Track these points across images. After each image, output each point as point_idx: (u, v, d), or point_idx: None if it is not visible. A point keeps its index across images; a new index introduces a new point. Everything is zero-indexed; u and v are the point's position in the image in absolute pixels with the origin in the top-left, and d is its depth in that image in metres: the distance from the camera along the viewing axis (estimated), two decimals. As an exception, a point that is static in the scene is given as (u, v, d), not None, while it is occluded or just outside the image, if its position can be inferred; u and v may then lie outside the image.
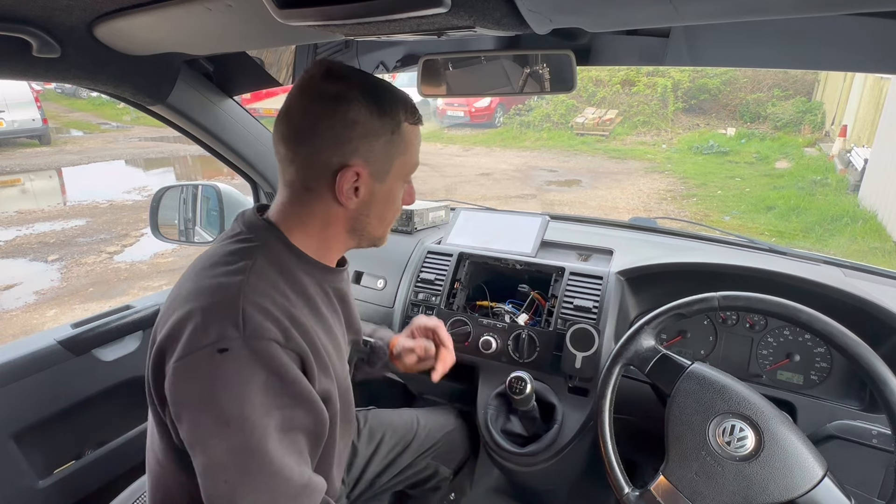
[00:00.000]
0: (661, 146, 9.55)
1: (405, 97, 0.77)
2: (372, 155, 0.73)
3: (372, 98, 0.72)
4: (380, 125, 0.73)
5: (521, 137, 10.50)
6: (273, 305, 0.67)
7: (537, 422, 1.15)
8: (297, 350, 0.67)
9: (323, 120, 0.71)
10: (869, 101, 7.28)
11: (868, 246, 5.27)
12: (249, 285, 0.67)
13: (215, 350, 0.61)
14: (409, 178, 0.82)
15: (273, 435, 0.63)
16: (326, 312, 0.78)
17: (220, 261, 0.71)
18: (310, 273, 0.77)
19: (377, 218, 0.79)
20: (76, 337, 1.25)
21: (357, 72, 0.74)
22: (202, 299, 0.66)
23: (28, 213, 6.41)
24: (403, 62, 1.18)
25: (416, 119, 0.78)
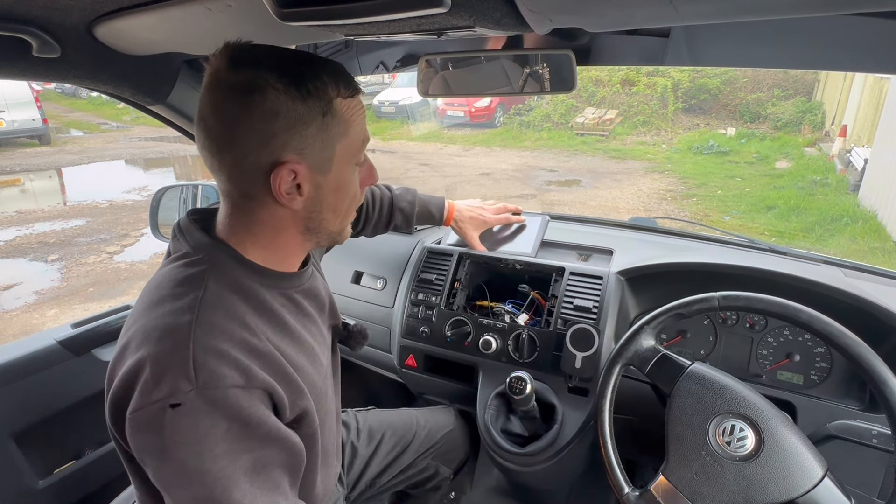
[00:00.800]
0: (661, 146, 9.55)
1: (333, 68, 0.66)
2: (305, 146, 0.64)
3: (290, 79, 0.62)
4: (305, 110, 0.63)
5: (521, 137, 10.50)
6: (229, 344, 0.61)
7: (537, 422, 1.15)
8: (262, 387, 0.62)
9: (238, 117, 0.62)
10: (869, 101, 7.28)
11: (868, 246, 5.27)
12: (200, 325, 0.60)
13: (167, 405, 0.56)
14: (361, 157, 0.72)
15: (241, 481, 0.59)
16: (295, 322, 0.73)
17: (168, 294, 0.64)
18: (271, 286, 0.71)
19: (330, 212, 0.71)
20: (76, 337, 1.25)
21: (267, 50, 0.64)
22: (151, 345, 0.60)
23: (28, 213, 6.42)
24: (403, 62, 1.18)
25: (352, 90, 0.67)
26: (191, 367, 0.57)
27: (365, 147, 0.72)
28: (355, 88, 0.68)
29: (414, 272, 1.41)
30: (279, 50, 0.65)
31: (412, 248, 1.48)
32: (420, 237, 1.54)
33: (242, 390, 0.59)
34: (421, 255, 1.43)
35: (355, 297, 1.51)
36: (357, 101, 0.69)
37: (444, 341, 1.30)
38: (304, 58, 0.65)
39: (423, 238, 1.52)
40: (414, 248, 1.48)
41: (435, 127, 11.38)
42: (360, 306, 1.49)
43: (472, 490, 1.49)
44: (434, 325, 1.32)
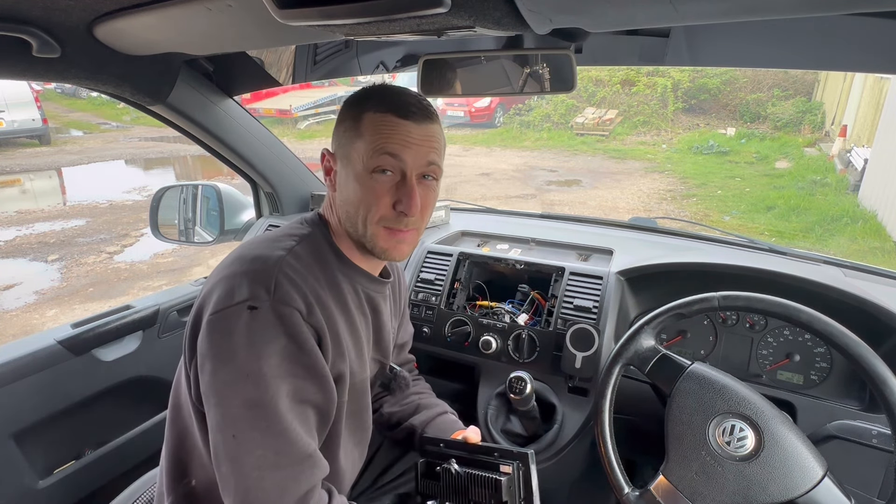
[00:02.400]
0: (661, 146, 9.55)
1: (381, 90, 0.79)
2: (338, 140, 0.81)
3: (354, 95, 0.81)
4: (346, 114, 0.80)
5: (521, 137, 10.50)
6: (303, 282, 0.72)
7: (537, 422, 1.15)
8: (316, 326, 0.72)
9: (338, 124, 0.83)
10: (869, 101, 7.28)
11: (868, 246, 5.27)
12: (287, 261, 0.73)
13: (246, 307, 0.68)
14: (376, 166, 0.76)
15: (285, 399, 0.67)
16: (354, 310, 0.83)
17: (270, 237, 0.80)
18: (346, 273, 0.82)
19: (352, 207, 0.79)
20: (76, 337, 1.25)
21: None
22: (244, 265, 0.73)
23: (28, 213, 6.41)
24: (403, 62, 1.18)
25: (383, 107, 0.77)
26: (272, 283, 0.70)
27: (381, 160, 0.77)
28: (386, 107, 0.77)
29: (414, 272, 1.41)
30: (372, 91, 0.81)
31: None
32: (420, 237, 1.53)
33: (303, 317, 0.70)
34: (421, 255, 1.43)
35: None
36: (385, 118, 0.77)
37: (444, 341, 1.30)
38: (373, 86, 0.81)
39: (423, 238, 1.52)
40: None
41: (435, 127, 11.36)
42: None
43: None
44: (434, 325, 1.32)
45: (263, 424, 0.66)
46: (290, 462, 0.68)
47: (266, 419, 0.66)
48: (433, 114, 0.80)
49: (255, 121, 1.48)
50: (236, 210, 1.68)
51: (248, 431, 0.66)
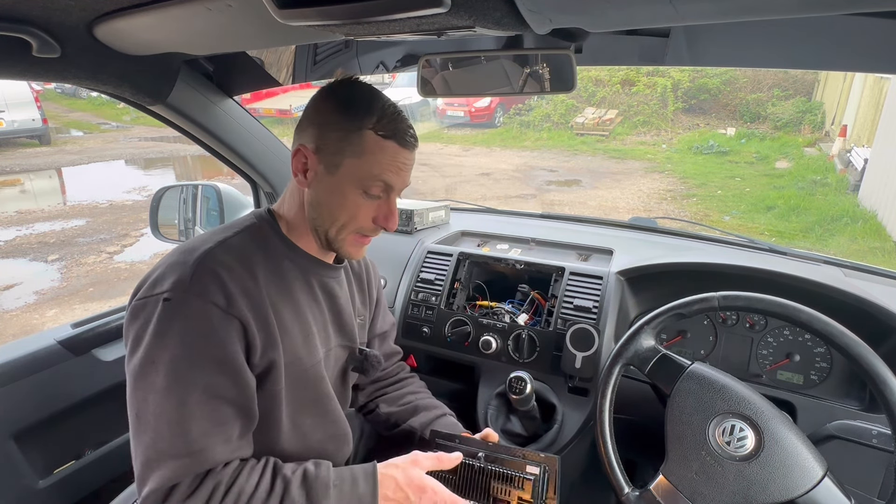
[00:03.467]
0: (661, 146, 9.55)
1: (383, 109, 0.78)
2: (323, 142, 0.78)
3: (345, 96, 0.78)
4: (338, 119, 0.77)
5: (521, 137, 10.50)
6: (227, 273, 0.73)
7: (537, 422, 1.15)
8: (239, 316, 0.72)
9: (313, 104, 0.81)
10: (869, 101, 7.28)
11: (868, 246, 5.27)
12: (213, 253, 0.74)
13: (161, 298, 0.70)
14: (371, 190, 0.79)
15: (193, 393, 0.68)
16: (302, 297, 0.83)
17: (216, 229, 0.81)
18: (295, 261, 0.83)
19: (328, 213, 0.80)
20: (76, 337, 1.25)
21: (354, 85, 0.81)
22: (175, 256, 0.75)
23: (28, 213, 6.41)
24: (403, 62, 1.18)
25: (387, 133, 0.77)
26: (190, 275, 0.71)
27: (377, 185, 0.79)
28: (391, 134, 0.77)
29: (414, 272, 1.41)
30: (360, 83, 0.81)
31: (412, 248, 1.48)
32: (420, 237, 1.54)
33: (221, 311, 0.70)
34: (421, 255, 1.43)
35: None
36: (388, 146, 0.78)
37: (444, 341, 1.30)
38: (376, 94, 0.80)
39: (423, 238, 1.52)
40: (414, 248, 1.48)
41: (435, 127, 11.38)
42: (360, 306, 1.49)
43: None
44: (434, 325, 1.32)
45: (158, 411, 0.67)
46: (171, 454, 0.67)
47: (161, 406, 0.67)
48: (417, 139, 0.83)
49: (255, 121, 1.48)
50: (236, 210, 1.68)
51: (146, 415, 0.68)
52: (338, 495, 0.73)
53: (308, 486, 0.73)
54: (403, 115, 0.81)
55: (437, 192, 7.28)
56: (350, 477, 0.75)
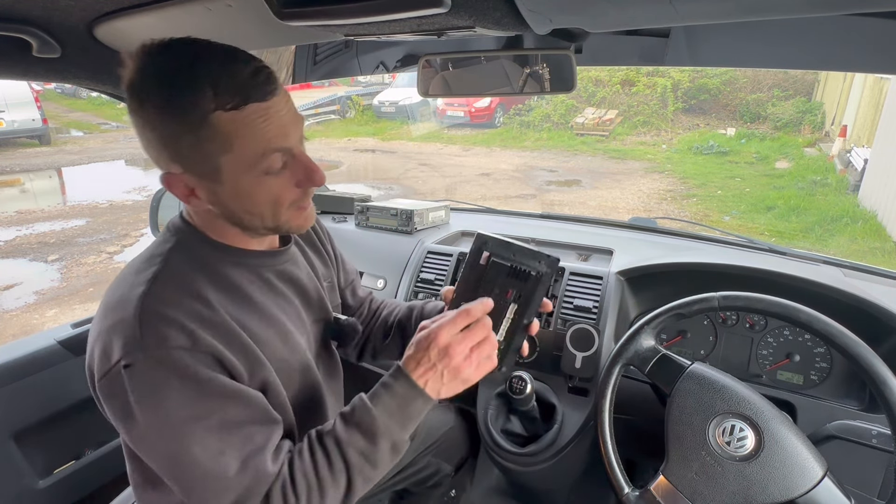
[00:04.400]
0: (661, 146, 9.55)
1: (215, 78, 0.60)
2: (181, 158, 0.64)
3: (164, 94, 0.61)
4: (173, 124, 0.61)
5: (521, 137, 10.50)
6: (177, 311, 0.63)
7: (537, 422, 1.15)
8: (208, 351, 0.63)
9: (133, 116, 0.64)
10: (869, 101, 7.28)
11: (868, 246, 5.27)
12: (150, 295, 0.64)
13: (121, 367, 0.61)
14: (272, 166, 0.65)
15: (207, 439, 0.62)
16: (263, 299, 0.74)
17: (133, 268, 0.69)
18: (238, 263, 0.73)
19: (247, 214, 0.69)
20: (76, 337, 1.25)
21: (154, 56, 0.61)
22: (109, 317, 0.64)
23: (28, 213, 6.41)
24: (403, 62, 1.18)
25: (235, 101, 0.60)
26: (137, 331, 0.61)
27: (271, 158, 0.65)
28: (244, 99, 0.61)
29: (414, 272, 1.40)
30: (167, 55, 0.62)
31: (412, 248, 1.48)
32: (420, 237, 1.54)
33: (187, 352, 0.62)
34: (421, 255, 1.43)
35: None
36: (249, 113, 0.61)
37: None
38: (185, 66, 0.60)
39: (423, 238, 1.52)
40: (414, 248, 1.48)
41: (435, 127, 11.38)
42: (360, 306, 1.49)
43: (473, 490, 1.48)
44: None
45: (192, 468, 0.62)
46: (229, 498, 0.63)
47: (192, 463, 0.62)
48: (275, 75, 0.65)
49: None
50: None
51: (182, 478, 0.63)
52: (383, 407, 0.68)
53: (354, 423, 0.68)
54: (238, 60, 0.62)
55: (437, 192, 7.28)
56: (381, 386, 0.71)
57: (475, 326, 0.71)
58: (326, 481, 0.67)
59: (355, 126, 11.80)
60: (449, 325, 0.69)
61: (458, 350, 0.69)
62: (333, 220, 1.80)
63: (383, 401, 0.69)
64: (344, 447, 0.67)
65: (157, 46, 0.62)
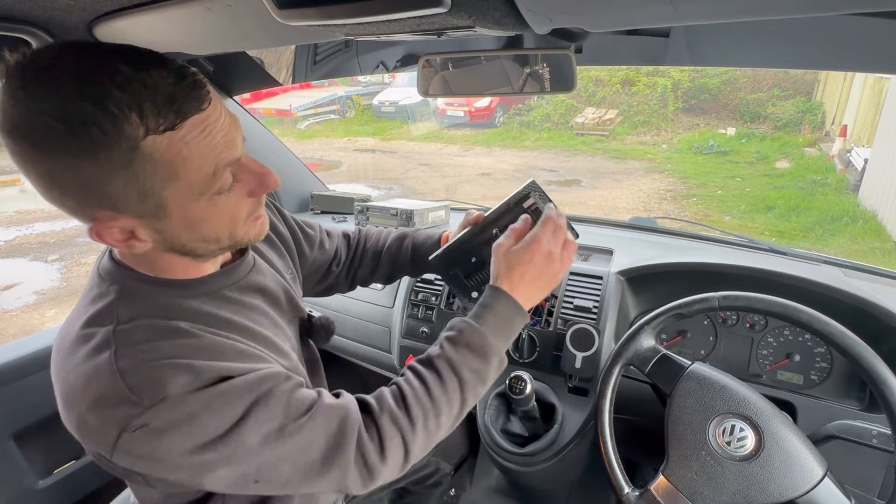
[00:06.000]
0: (661, 146, 9.55)
1: (136, 95, 0.48)
2: (114, 201, 0.52)
3: (68, 126, 0.46)
4: (93, 166, 0.48)
5: (521, 137, 10.49)
6: (160, 353, 0.55)
7: (537, 422, 1.15)
8: (214, 374, 0.56)
9: (26, 170, 0.50)
10: (869, 101, 7.27)
11: (868, 246, 5.27)
12: (121, 354, 0.54)
13: (132, 433, 0.52)
14: (223, 185, 0.57)
15: (257, 430, 0.57)
16: (239, 318, 0.67)
17: (80, 336, 0.57)
18: (194, 295, 0.64)
19: (201, 242, 0.60)
20: (76, 337, 1.25)
21: (50, 72, 0.47)
22: (81, 401, 0.54)
23: (28, 213, 6.41)
24: (403, 62, 1.18)
25: (170, 120, 0.50)
26: (129, 394, 0.52)
27: (223, 175, 0.56)
28: (179, 114, 0.50)
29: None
30: (71, 67, 0.48)
31: (412, 248, 1.48)
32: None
33: (194, 385, 0.55)
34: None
35: (355, 297, 1.50)
36: (187, 131, 0.51)
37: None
38: (97, 81, 0.47)
39: (423, 238, 1.52)
40: (414, 248, 1.48)
41: (435, 127, 11.38)
42: (360, 306, 1.49)
43: (472, 489, 1.48)
44: (434, 325, 1.32)
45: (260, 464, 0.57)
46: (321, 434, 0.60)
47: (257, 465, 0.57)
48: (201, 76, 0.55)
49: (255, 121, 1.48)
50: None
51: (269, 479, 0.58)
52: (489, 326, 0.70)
53: (464, 343, 0.69)
54: (155, 66, 0.50)
55: (437, 192, 7.28)
56: (481, 308, 0.72)
57: (559, 229, 0.78)
58: (441, 402, 0.67)
59: (355, 126, 11.80)
60: (545, 233, 0.75)
61: (557, 253, 0.76)
62: (333, 220, 1.80)
63: (488, 320, 0.71)
64: (458, 367, 0.68)
65: (34, 66, 0.48)
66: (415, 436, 0.65)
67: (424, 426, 0.66)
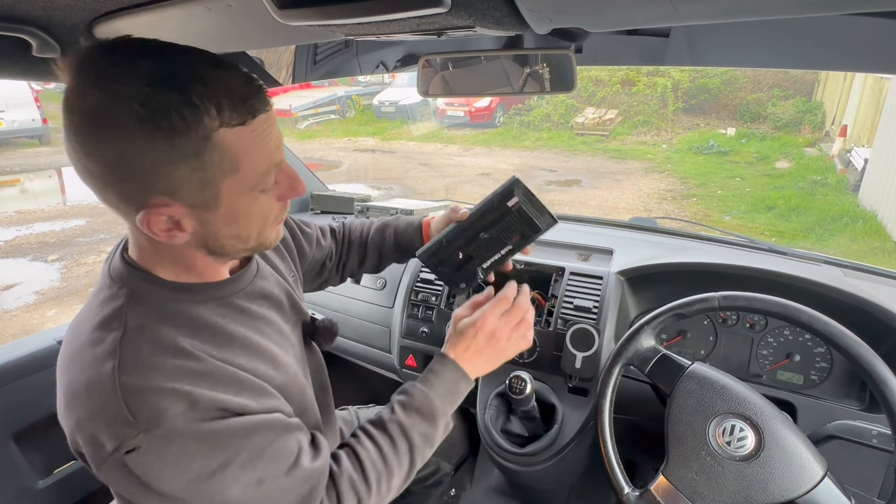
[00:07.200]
0: (661, 146, 9.55)
1: (218, 89, 0.52)
2: (175, 188, 0.54)
3: (151, 111, 0.50)
4: (169, 149, 0.51)
5: (521, 137, 10.50)
6: (162, 376, 0.56)
7: (537, 422, 1.15)
8: (211, 405, 0.58)
9: (90, 150, 0.53)
10: (869, 101, 7.28)
11: (868, 246, 5.27)
12: (125, 369, 0.56)
13: (122, 454, 0.54)
14: (268, 184, 0.61)
15: (239, 479, 0.59)
16: (243, 329, 0.68)
17: (88, 340, 0.59)
18: (203, 300, 0.65)
19: (233, 238, 0.63)
20: (76, 337, 1.25)
21: (134, 57, 0.51)
22: (82, 408, 0.57)
23: (28, 213, 6.41)
24: (403, 62, 1.18)
25: (241, 114, 0.54)
26: (127, 414, 0.54)
27: (271, 175, 0.61)
28: (251, 111, 0.55)
29: (414, 272, 1.40)
30: (152, 58, 0.52)
31: (412, 248, 1.48)
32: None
33: (191, 415, 0.56)
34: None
35: (355, 297, 1.51)
36: (255, 128, 0.56)
37: (443, 341, 1.29)
38: (180, 74, 0.51)
39: (423, 238, 1.52)
40: (414, 248, 1.48)
41: (435, 127, 11.38)
42: (360, 306, 1.49)
43: (472, 489, 1.49)
44: (434, 325, 1.32)
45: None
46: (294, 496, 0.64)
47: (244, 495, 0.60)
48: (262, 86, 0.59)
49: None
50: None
51: None
52: (436, 392, 0.76)
53: (415, 408, 0.74)
54: (227, 67, 0.55)
55: (437, 192, 7.28)
56: (430, 373, 0.78)
57: (513, 310, 0.81)
58: (393, 465, 0.72)
59: (355, 126, 11.80)
60: (492, 312, 0.79)
61: (503, 333, 0.79)
62: (333, 220, 1.80)
63: (435, 386, 0.76)
64: (408, 431, 0.73)
65: (116, 52, 0.51)
66: (370, 499, 0.69)
67: (378, 489, 0.70)
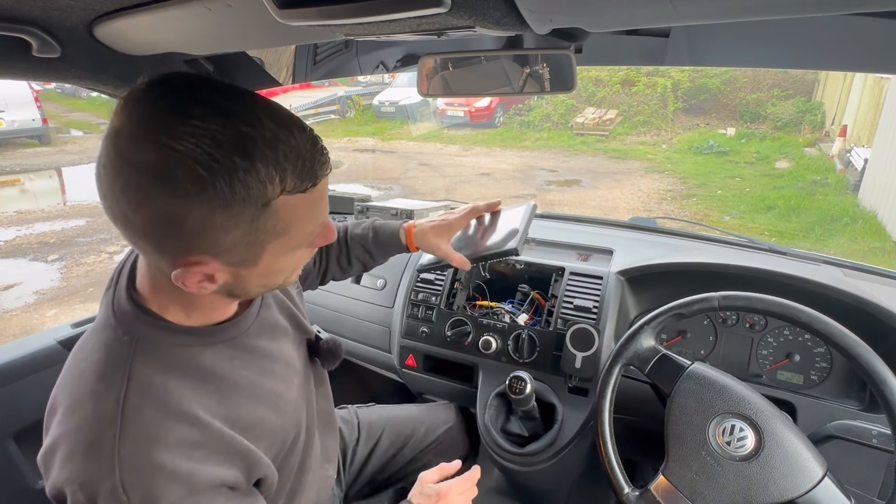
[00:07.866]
0: (661, 146, 9.55)
1: (286, 151, 0.49)
2: (222, 249, 0.51)
3: (212, 174, 0.46)
4: (225, 218, 0.48)
5: (521, 137, 10.49)
6: (164, 450, 0.53)
7: (537, 422, 1.15)
8: (209, 485, 0.56)
9: (135, 206, 0.47)
10: (869, 101, 7.28)
11: (868, 246, 5.27)
12: (125, 439, 0.52)
13: None
14: (311, 240, 0.59)
15: None
16: (250, 374, 0.66)
17: (91, 392, 0.55)
18: (212, 343, 0.63)
19: (261, 287, 0.61)
20: (76, 337, 1.25)
21: (200, 111, 0.46)
22: (77, 461, 0.53)
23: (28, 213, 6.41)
24: (403, 62, 1.18)
25: (303, 182, 0.51)
26: (122, 493, 0.51)
27: (316, 232, 0.58)
28: (313, 178, 0.52)
29: (414, 272, 1.40)
30: (214, 110, 0.47)
31: (412, 248, 1.48)
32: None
33: (187, 501, 0.54)
34: (420, 255, 1.43)
35: (355, 297, 1.50)
36: (312, 196, 0.53)
37: (443, 341, 1.30)
38: (247, 135, 0.47)
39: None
40: (414, 248, 1.48)
41: (435, 127, 11.38)
42: (360, 306, 1.49)
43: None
44: (434, 325, 1.32)
45: None
46: None
47: None
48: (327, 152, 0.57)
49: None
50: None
51: None
52: None
53: None
54: (293, 126, 0.51)
55: (437, 192, 7.28)
56: None
57: (470, 491, 0.88)
58: None
59: (355, 126, 11.80)
60: (457, 487, 0.85)
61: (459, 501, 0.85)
62: (333, 220, 1.79)
63: None
64: None
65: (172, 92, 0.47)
66: None
67: None
